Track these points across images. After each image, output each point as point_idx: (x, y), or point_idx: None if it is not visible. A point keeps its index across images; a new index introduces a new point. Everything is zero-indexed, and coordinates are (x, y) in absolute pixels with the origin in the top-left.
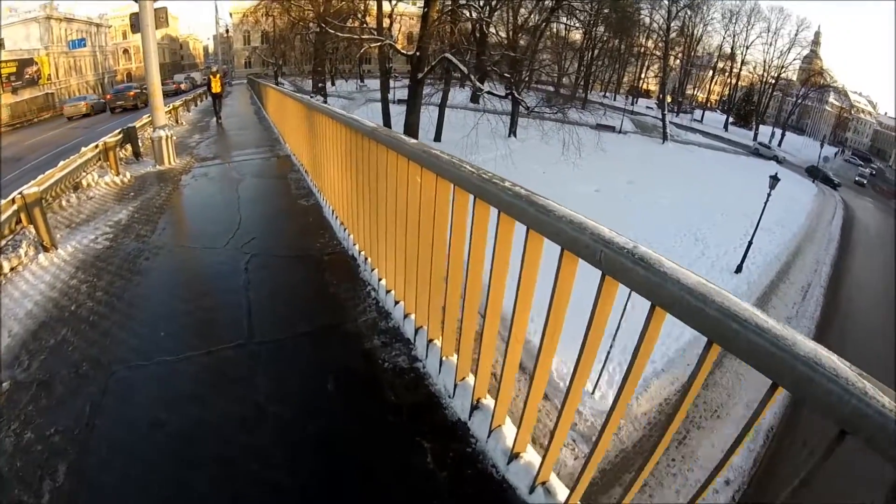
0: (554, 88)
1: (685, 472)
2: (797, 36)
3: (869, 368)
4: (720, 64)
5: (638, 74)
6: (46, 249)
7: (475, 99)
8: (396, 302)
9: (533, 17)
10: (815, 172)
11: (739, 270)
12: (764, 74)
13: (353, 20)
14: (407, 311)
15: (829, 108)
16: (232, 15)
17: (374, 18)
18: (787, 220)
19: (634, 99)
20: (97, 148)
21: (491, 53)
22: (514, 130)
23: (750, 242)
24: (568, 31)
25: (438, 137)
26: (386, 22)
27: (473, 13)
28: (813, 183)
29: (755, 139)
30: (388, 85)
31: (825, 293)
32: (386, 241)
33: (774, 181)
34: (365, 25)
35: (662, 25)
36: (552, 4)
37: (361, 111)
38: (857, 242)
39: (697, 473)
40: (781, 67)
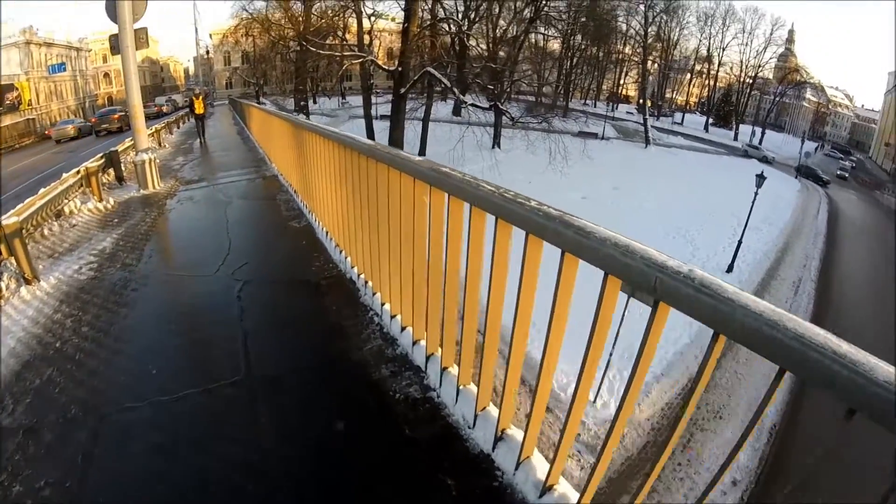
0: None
1: (692, 475)
2: (772, 35)
3: None
4: (698, 66)
5: (617, 81)
6: (28, 282)
7: (457, 111)
8: (403, 328)
9: (512, 28)
10: (805, 171)
11: (731, 269)
12: (741, 74)
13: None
14: (416, 337)
15: (806, 104)
16: (212, 36)
17: (354, 35)
18: (773, 217)
19: (615, 105)
20: (79, 174)
21: (473, 66)
22: (497, 142)
23: (740, 241)
24: (546, 41)
25: (423, 151)
26: (366, 39)
27: (453, 27)
28: (797, 179)
29: (735, 139)
30: (370, 101)
31: (816, 287)
32: (389, 263)
33: (761, 180)
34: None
35: (640, 31)
36: (531, 15)
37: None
38: (843, 235)
39: (706, 476)
40: (758, 67)
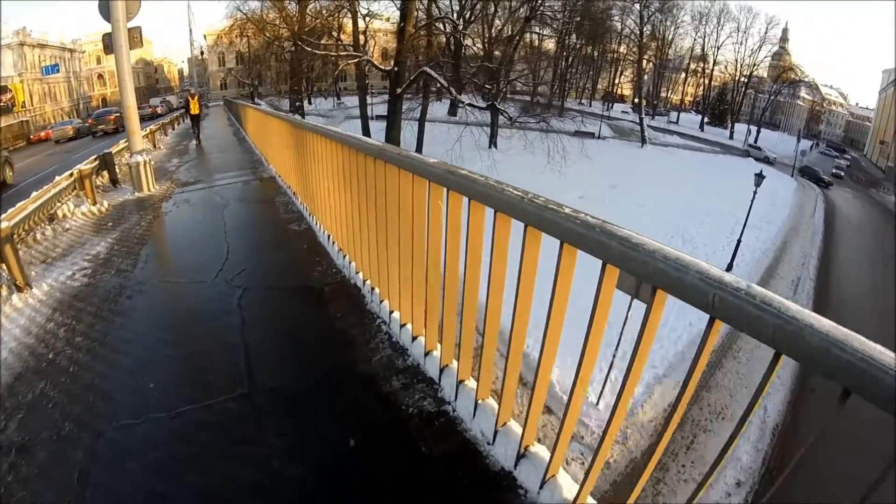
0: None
1: (697, 477)
2: (767, 33)
3: None
4: (693, 65)
5: (612, 80)
6: (20, 289)
7: (453, 111)
8: (414, 337)
9: (507, 28)
10: (807, 173)
11: (730, 269)
12: (736, 73)
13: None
14: (428, 347)
15: (801, 102)
16: (206, 37)
17: (349, 35)
18: (771, 215)
19: (610, 104)
20: (72, 176)
21: (469, 65)
22: (494, 141)
23: (739, 240)
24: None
25: (420, 151)
26: (361, 39)
27: (448, 26)
28: (793, 177)
29: (731, 137)
30: (366, 101)
31: (815, 286)
32: (400, 270)
33: (760, 179)
34: (340, 43)
35: (635, 30)
36: (526, 14)
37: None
38: (840, 233)
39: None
40: (753, 65)
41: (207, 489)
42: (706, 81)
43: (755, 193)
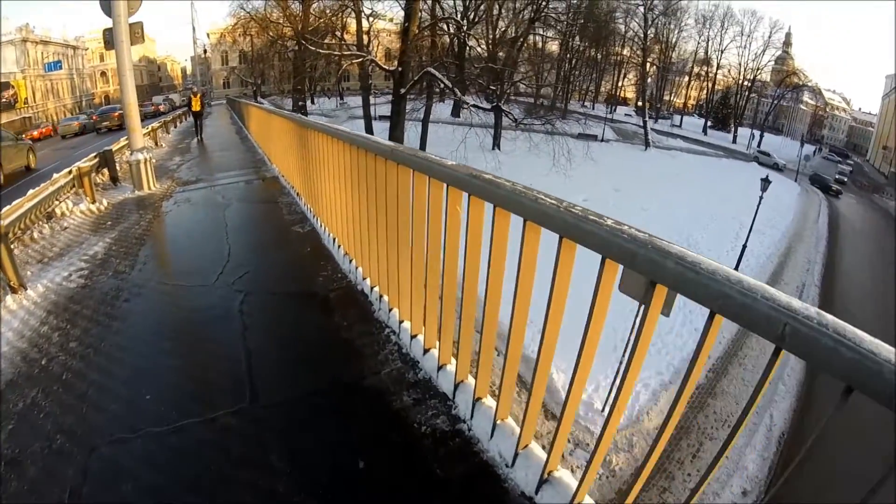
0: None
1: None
2: (771, 37)
3: None
4: (696, 69)
5: (615, 82)
6: (14, 290)
7: (456, 112)
8: (426, 350)
9: (511, 29)
10: (817, 181)
11: None
12: (740, 77)
13: (331, 37)
14: (441, 361)
15: (804, 107)
16: (209, 35)
17: (352, 35)
18: (775, 220)
19: (613, 107)
20: (70, 174)
21: (474, 66)
22: (497, 143)
23: (744, 246)
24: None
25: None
26: (364, 39)
27: (452, 27)
28: (796, 182)
29: (734, 141)
30: (369, 101)
31: (820, 292)
32: (412, 278)
33: (766, 184)
34: (344, 42)
35: (639, 33)
36: (531, 16)
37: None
38: (844, 239)
39: (715, 486)
40: (756, 69)
41: None
42: (709, 85)
43: (761, 198)
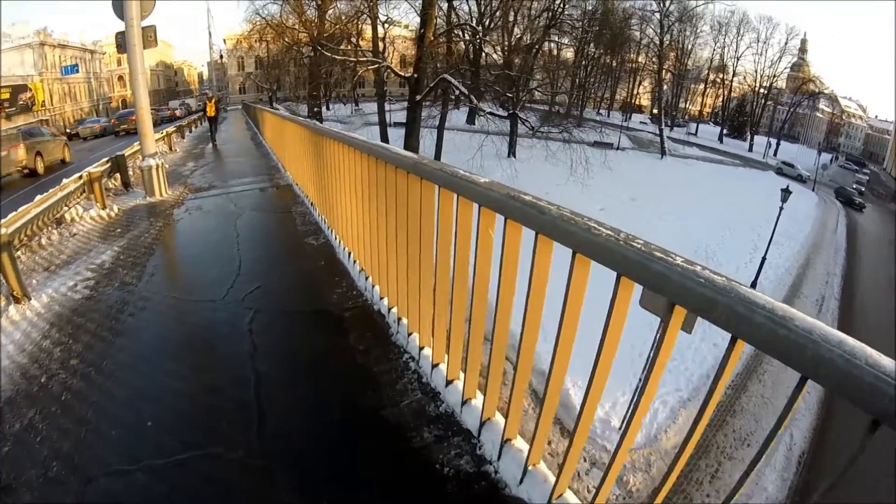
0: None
1: None
2: (787, 44)
3: None
4: (712, 76)
5: (631, 90)
6: (17, 300)
7: (471, 119)
8: (449, 381)
9: (527, 36)
10: (842, 194)
11: (755, 287)
12: (755, 84)
13: (347, 43)
14: (466, 395)
15: (820, 114)
16: (226, 41)
17: (368, 42)
18: (792, 230)
19: (629, 115)
20: (81, 179)
21: (490, 73)
22: (513, 151)
23: (764, 258)
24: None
25: (438, 159)
26: (380, 45)
27: (468, 33)
28: (814, 191)
29: (750, 150)
30: (384, 108)
31: (839, 305)
32: (435, 303)
33: (786, 194)
34: (359, 49)
35: (654, 39)
36: (547, 22)
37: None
38: (863, 250)
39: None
40: (773, 77)
41: None
42: (725, 92)
43: (781, 209)
